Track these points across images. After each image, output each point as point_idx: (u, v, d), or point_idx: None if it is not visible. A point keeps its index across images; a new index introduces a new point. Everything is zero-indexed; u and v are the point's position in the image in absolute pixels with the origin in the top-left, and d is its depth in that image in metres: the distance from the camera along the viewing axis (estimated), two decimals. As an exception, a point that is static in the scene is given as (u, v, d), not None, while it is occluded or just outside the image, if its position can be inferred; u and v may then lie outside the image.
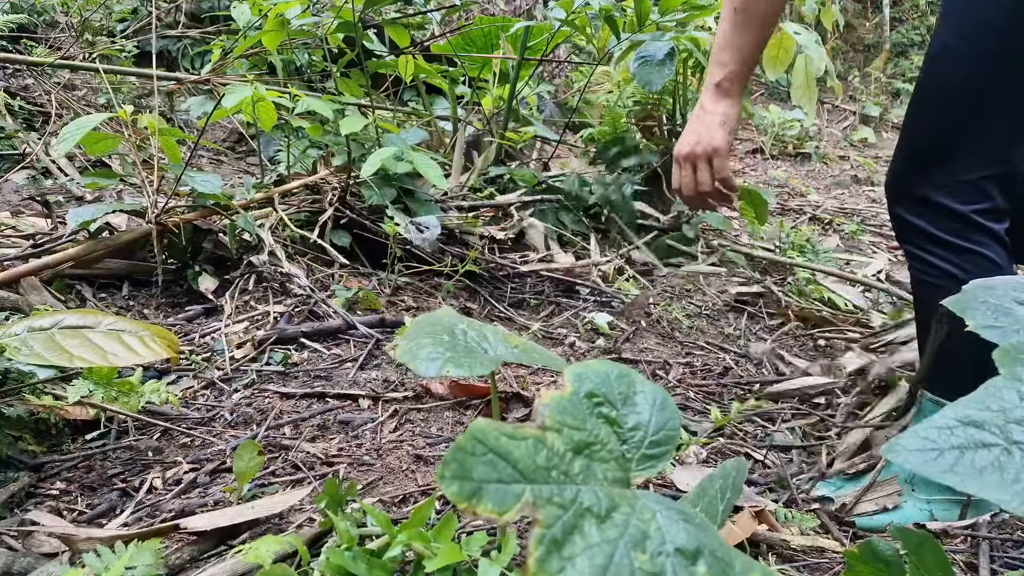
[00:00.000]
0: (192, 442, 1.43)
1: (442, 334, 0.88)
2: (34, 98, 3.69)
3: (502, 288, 2.37)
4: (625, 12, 2.65)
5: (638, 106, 3.10)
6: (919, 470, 0.51)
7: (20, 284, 1.86)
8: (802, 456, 1.52)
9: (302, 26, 2.65)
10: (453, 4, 3.33)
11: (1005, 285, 0.72)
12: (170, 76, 3.17)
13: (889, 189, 1.32)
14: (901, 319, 2.17)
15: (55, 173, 3.14)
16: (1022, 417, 0.52)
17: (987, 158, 1.18)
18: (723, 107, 1.40)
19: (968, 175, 1.19)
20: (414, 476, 1.32)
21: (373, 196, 2.34)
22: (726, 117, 1.40)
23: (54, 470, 1.31)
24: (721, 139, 1.39)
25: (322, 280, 2.18)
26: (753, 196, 3.01)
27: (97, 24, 4.20)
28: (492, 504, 0.53)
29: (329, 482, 1.07)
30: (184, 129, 3.83)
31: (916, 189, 1.24)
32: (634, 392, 0.73)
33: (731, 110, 1.40)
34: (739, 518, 1.15)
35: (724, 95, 1.40)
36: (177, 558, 1.05)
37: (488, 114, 3.08)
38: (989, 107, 1.16)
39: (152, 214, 2.00)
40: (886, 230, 3.87)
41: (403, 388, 1.68)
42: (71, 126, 1.87)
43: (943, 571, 0.76)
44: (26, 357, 1.19)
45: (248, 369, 1.72)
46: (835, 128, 6.92)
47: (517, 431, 0.58)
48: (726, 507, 0.88)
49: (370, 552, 0.93)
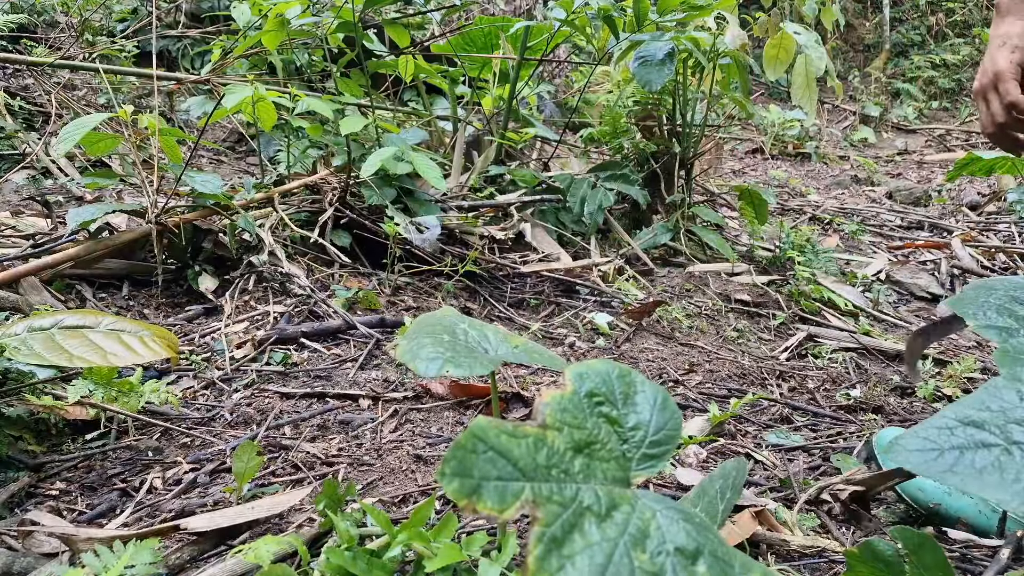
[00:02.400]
0: (192, 442, 1.43)
1: (442, 334, 0.88)
2: (34, 98, 3.69)
3: (502, 288, 2.37)
4: (625, 12, 2.65)
5: (638, 106, 3.10)
6: (919, 470, 0.51)
7: (20, 284, 1.86)
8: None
9: (302, 26, 2.65)
10: (453, 4, 3.33)
11: (1005, 285, 0.72)
12: (170, 76, 3.17)
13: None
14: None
15: (55, 173, 3.14)
16: (1022, 417, 0.52)
17: None
18: (1003, 28, 1.29)
19: None
20: (414, 476, 1.32)
21: (373, 196, 2.34)
22: (1006, 38, 1.27)
23: (54, 470, 1.31)
24: (1003, 62, 1.26)
25: (322, 280, 2.18)
26: (753, 196, 3.01)
27: (97, 24, 4.20)
28: (492, 502, 0.53)
29: (328, 483, 1.07)
30: (184, 129, 3.84)
31: None
32: (635, 392, 0.73)
33: (1012, 28, 1.27)
34: (739, 518, 1.15)
35: (1004, 15, 1.29)
36: (177, 558, 1.05)
37: (488, 114, 3.08)
38: None
39: (152, 214, 2.00)
40: (886, 230, 3.87)
41: (403, 388, 1.68)
42: (71, 126, 1.87)
43: (943, 571, 0.76)
44: (26, 357, 1.19)
45: (248, 369, 1.72)
46: (835, 128, 6.92)
47: (517, 429, 0.58)
48: (726, 507, 0.88)
49: (370, 552, 0.93)
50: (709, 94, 2.95)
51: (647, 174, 3.06)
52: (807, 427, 1.66)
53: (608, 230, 2.93)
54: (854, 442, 1.57)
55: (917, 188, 4.84)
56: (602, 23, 2.59)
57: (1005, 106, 1.26)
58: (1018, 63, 1.25)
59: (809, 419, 1.70)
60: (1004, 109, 1.26)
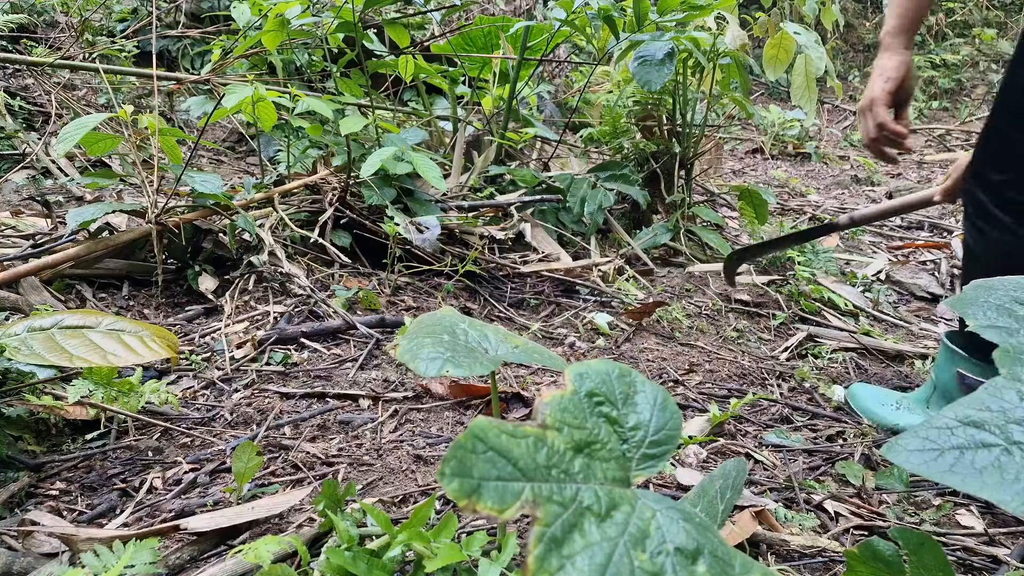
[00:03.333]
0: (192, 442, 1.43)
1: (442, 334, 0.88)
2: (34, 98, 3.70)
3: (502, 288, 2.37)
4: (625, 12, 2.65)
5: (638, 106, 3.10)
6: (919, 470, 0.51)
7: (20, 284, 1.86)
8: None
9: (302, 26, 2.65)
10: (453, 4, 3.33)
11: (1005, 285, 0.72)
12: (170, 76, 3.17)
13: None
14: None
15: (55, 173, 3.14)
16: (1022, 417, 0.52)
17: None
18: (882, 61, 1.56)
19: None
20: (414, 476, 1.32)
21: (373, 196, 2.34)
22: (883, 70, 1.55)
23: (54, 470, 1.31)
24: (878, 89, 1.55)
25: (322, 280, 2.18)
26: (753, 196, 3.01)
27: (97, 24, 4.20)
28: (492, 502, 0.53)
29: (328, 483, 1.07)
30: (184, 129, 3.84)
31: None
32: (635, 392, 0.73)
33: (888, 62, 1.55)
34: (739, 518, 1.15)
35: (884, 50, 1.57)
36: (177, 558, 1.05)
37: (488, 114, 3.08)
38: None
39: (152, 214, 2.00)
40: (886, 230, 3.87)
41: (403, 388, 1.68)
42: (71, 126, 1.87)
43: (943, 571, 0.76)
44: (26, 357, 1.19)
45: (248, 369, 1.72)
46: (835, 128, 6.92)
47: (518, 429, 0.58)
48: (726, 507, 0.88)
49: (370, 552, 0.93)
50: (709, 94, 2.95)
51: (647, 174, 3.06)
52: (807, 427, 1.66)
53: (608, 230, 2.93)
54: (854, 442, 1.57)
55: (917, 188, 4.84)
56: (602, 23, 2.58)
57: (876, 125, 1.55)
58: (889, 91, 1.54)
59: (808, 419, 1.70)
60: (876, 127, 1.55)
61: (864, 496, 1.35)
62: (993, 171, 1.45)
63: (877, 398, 1.72)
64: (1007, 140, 1.43)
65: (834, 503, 1.32)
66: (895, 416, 1.66)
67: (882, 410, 1.68)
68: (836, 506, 1.31)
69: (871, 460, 1.49)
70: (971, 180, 1.52)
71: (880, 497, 1.36)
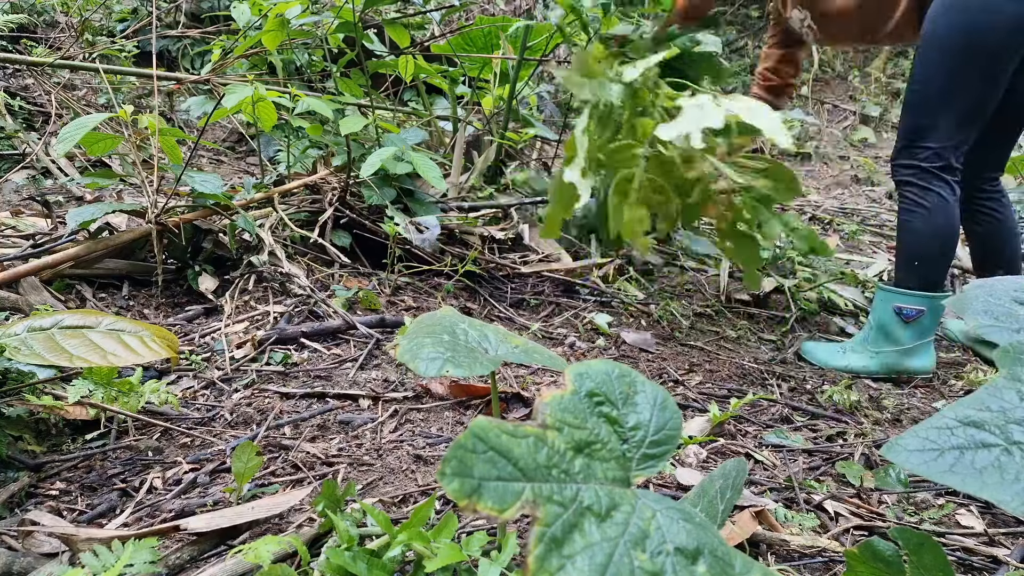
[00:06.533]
0: (192, 442, 1.43)
1: (442, 334, 0.88)
2: (34, 98, 3.70)
3: (502, 288, 2.37)
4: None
5: (638, 106, 3.10)
6: (919, 471, 0.51)
7: (20, 284, 1.86)
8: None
9: (302, 26, 2.65)
10: (453, 4, 3.33)
11: (1005, 285, 0.72)
12: (170, 76, 3.17)
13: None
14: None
15: (55, 173, 3.14)
16: (1022, 417, 0.52)
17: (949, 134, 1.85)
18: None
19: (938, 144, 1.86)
20: (414, 476, 1.32)
21: (373, 196, 2.34)
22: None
23: (54, 470, 1.31)
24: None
25: (322, 280, 2.18)
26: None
27: (97, 24, 4.20)
28: (492, 502, 0.53)
29: (327, 483, 1.07)
30: (184, 129, 3.84)
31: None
32: (635, 392, 0.73)
33: None
34: (739, 518, 1.15)
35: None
36: (177, 558, 1.05)
37: (488, 114, 3.08)
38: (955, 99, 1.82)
39: (152, 214, 2.00)
40: (886, 230, 3.87)
41: (403, 388, 1.68)
42: (71, 126, 1.87)
43: (943, 571, 0.76)
44: (26, 357, 1.19)
45: (248, 369, 1.72)
46: (835, 128, 6.92)
47: (518, 429, 0.58)
48: (726, 507, 0.88)
49: (370, 552, 0.93)
50: (709, 94, 2.94)
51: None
52: (807, 427, 1.66)
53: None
54: (854, 442, 1.57)
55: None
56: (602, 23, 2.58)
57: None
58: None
59: (808, 419, 1.70)
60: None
61: (864, 496, 1.36)
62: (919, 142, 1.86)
63: (826, 349, 2.07)
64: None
65: (834, 503, 1.32)
66: (844, 359, 2.02)
67: (832, 357, 2.04)
68: (836, 506, 1.31)
69: (871, 460, 1.49)
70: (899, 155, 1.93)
71: (880, 497, 1.36)
